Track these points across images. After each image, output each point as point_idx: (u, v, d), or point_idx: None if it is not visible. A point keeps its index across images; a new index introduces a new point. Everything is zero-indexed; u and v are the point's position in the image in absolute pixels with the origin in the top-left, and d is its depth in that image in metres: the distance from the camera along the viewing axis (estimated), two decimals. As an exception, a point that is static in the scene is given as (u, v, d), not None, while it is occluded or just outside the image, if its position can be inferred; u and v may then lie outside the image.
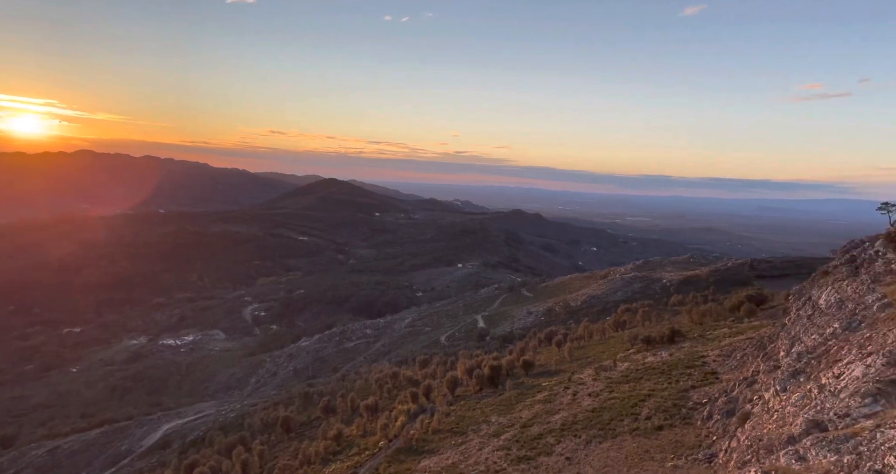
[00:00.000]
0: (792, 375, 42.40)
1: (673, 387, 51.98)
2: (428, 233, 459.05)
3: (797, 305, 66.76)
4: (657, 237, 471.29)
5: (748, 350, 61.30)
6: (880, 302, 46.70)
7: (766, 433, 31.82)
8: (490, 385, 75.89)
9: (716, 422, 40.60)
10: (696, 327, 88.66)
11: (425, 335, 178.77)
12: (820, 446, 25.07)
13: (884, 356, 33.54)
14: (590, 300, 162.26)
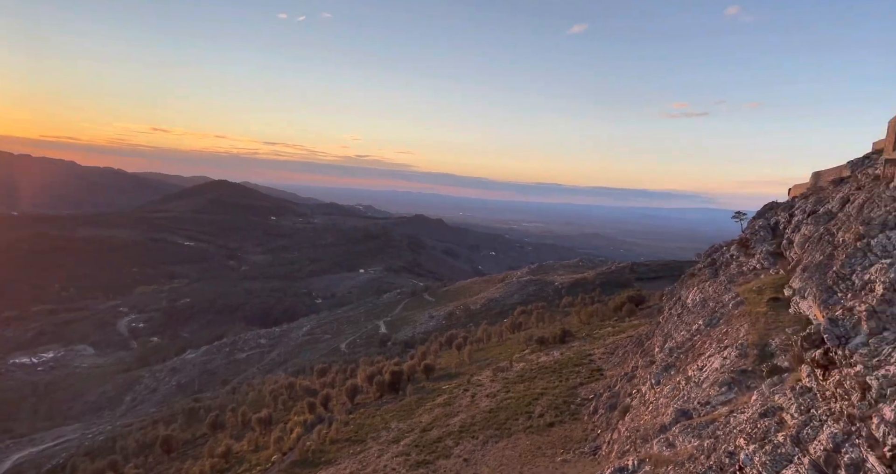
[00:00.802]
0: (665, 369, 46.69)
1: (563, 385, 54.99)
2: (328, 237, 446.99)
3: (669, 305, 73.93)
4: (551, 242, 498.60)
5: (629, 347, 66.68)
6: (734, 300, 53.03)
7: (643, 423, 34.72)
8: (391, 391, 75.29)
9: (600, 416, 43.54)
10: (584, 327, 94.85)
11: (325, 343, 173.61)
12: (686, 433, 27.83)
13: (737, 349, 38.03)
14: (489, 303, 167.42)
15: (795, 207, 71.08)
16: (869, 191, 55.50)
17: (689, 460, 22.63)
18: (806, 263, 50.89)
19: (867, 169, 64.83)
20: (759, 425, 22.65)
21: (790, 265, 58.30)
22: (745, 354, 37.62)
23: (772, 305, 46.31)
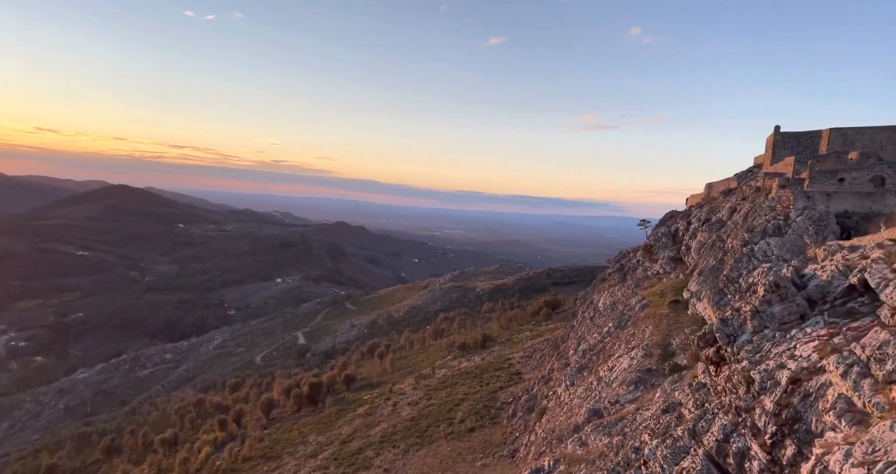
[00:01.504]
0: (578, 370, 48.79)
1: (484, 390, 55.85)
2: (243, 245, 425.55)
3: (583, 308, 77.64)
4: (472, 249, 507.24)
5: (545, 350, 69.10)
6: (641, 303, 56.64)
7: (559, 424, 36.00)
8: (310, 403, 72.80)
9: (519, 419, 44.63)
10: (504, 332, 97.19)
11: (238, 356, 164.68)
12: (597, 431, 29.16)
13: (643, 349, 40.50)
14: (411, 310, 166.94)
15: (692, 216, 77.52)
16: (752, 202, 61.70)
17: (600, 457, 23.70)
18: (701, 268, 55.53)
19: (750, 181, 72.11)
20: (662, 421, 24.20)
21: (688, 269, 63.37)
22: (650, 354, 40.22)
23: (673, 307, 49.96)
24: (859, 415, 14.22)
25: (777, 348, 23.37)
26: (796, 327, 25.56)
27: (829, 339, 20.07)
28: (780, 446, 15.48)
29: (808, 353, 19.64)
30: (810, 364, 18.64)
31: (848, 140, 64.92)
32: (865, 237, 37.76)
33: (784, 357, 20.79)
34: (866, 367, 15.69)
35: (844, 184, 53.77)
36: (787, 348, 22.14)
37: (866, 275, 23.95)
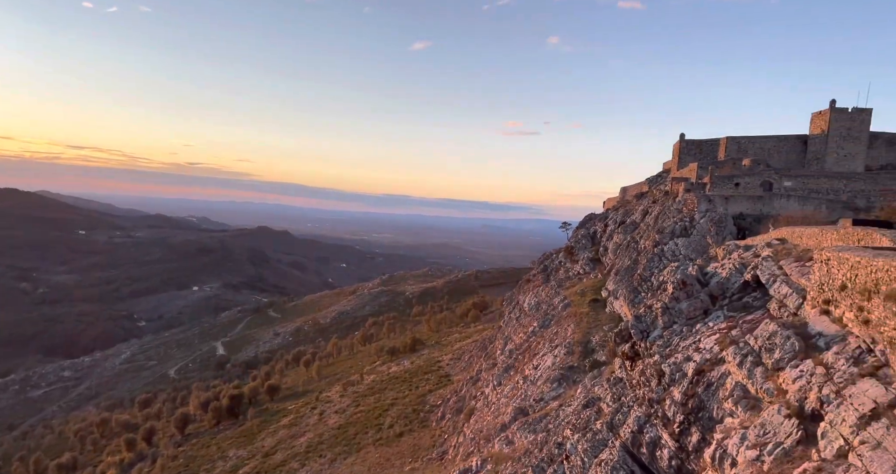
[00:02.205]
0: (505, 370, 49.80)
1: (413, 394, 55.61)
2: (155, 253, 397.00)
3: (509, 309, 79.54)
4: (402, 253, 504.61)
5: (474, 351, 70.02)
6: (563, 302, 58.84)
7: (486, 424, 36.52)
8: (230, 416, 69.23)
9: (447, 421, 44.83)
10: (434, 334, 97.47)
11: (149, 370, 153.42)
12: (523, 429, 29.87)
13: (565, 347, 42.00)
14: (339, 316, 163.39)
15: (609, 218, 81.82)
16: (662, 205, 66.11)
17: (525, 454, 24.26)
18: (618, 267, 58.65)
19: (660, 185, 77.26)
20: (583, 415, 25.20)
21: (606, 269, 66.74)
22: (572, 351, 41.83)
23: (593, 306, 52.35)
24: (753, 401, 15.49)
25: (684, 342, 25.06)
26: (700, 322, 27.55)
27: (728, 332, 21.76)
28: (686, 434, 16.52)
29: (710, 346, 21.17)
30: (712, 355, 20.11)
31: (742, 147, 71.37)
32: (757, 237, 41.58)
33: (690, 350, 22.29)
34: (758, 357, 17.14)
35: (740, 189, 58.94)
36: (693, 341, 23.79)
37: (758, 272, 26.29)
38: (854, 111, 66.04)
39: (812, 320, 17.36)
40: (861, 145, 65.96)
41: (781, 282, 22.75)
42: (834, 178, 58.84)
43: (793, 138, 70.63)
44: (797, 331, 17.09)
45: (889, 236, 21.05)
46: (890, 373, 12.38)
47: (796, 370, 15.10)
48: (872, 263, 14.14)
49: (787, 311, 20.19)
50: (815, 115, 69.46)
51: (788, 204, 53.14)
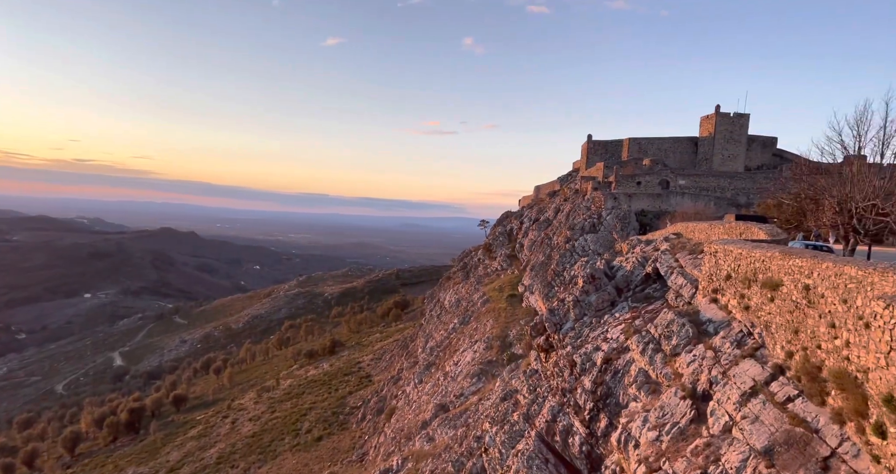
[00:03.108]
0: (426, 368, 49.99)
1: (333, 397, 54.30)
2: (37, 257, 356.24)
3: (430, 307, 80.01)
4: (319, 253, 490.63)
5: (395, 351, 69.66)
6: (482, 298, 60.09)
7: (407, 423, 36.44)
8: (129, 431, 63.82)
9: (368, 422, 44.23)
10: (354, 335, 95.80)
11: (31, 387, 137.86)
12: (444, 425, 30.12)
13: (484, 342, 42.87)
14: (253, 320, 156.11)
15: (524, 216, 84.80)
16: (572, 202, 69.47)
17: (446, 450, 24.46)
18: (533, 263, 60.90)
19: (571, 184, 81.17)
20: (501, 408, 25.84)
21: (522, 265, 69.10)
22: (491, 346, 42.81)
23: (510, 301, 53.93)
24: (654, 386, 16.61)
25: (594, 333, 26.42)
26: (608, 313, 29.20)
27: (632, 322, 23.21)
28: (596, 420, 17.40)
29: (616, 335, 22.47)
30: (618, 344, 21.35)
31: (642, 148, 76.78)
32: (657, 232, 44.87)
33: (599, 340, 23.53)
34: (658, 344, 18.42)
35: (641, 187, 63.28)
36: (602, 332, 25.14)
37: (657, 265, 28.30)
38: (735, 116, 73.18)
39: (703, 308, 18.92)
40: (741, 147, 73.22)
41: (678, 274, 24.61)
42: (720, 177, 64.84)
43: (685, 140, 76.98)
44: (691, 319, 18.54)
45: (765, 230, 23.45)
46: (766, 353, 13.75)
47: (690, 355, 16.38)
48: (752, 254, 15.64)
49: (683, 301, 21.88)
50: (704, 119, 76.19)
51: (683, 201, 57.80)
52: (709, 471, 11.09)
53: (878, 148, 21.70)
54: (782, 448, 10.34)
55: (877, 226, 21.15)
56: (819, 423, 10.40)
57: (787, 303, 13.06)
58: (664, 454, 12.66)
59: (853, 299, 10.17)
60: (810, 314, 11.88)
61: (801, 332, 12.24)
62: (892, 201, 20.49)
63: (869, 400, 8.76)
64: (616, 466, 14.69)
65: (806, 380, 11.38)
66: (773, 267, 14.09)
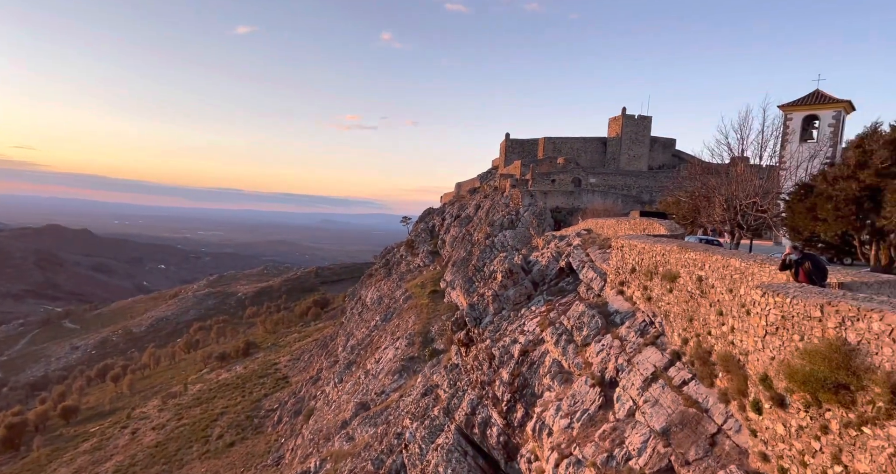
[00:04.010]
0: (347, 367, 49.11)
1: (247, 400, 51.87)
2: None
3: (351, 305, 78.64)
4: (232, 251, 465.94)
5: (314, 350, 67.80)
6: (405, 295, 59.97)
7: (326, 423, 35.59)
8: (8, 449, 57.23)
9: (285, 425, 42.73)
10: (270, 336, 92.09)
11: None
12: (364, 424, 29.74)
13: (406, 338, 42.81)
14: (157, 323, 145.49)
15: (446, 212, 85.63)
16: (492, 199, 71.15)
17: (365, 449, 24.16)
18: (454, 259, 61.67)
19: (490, 181, 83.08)
20: (421, 404, 25.93)
21: (444, 261, 69.78)
22: (413, 342, 42.85)
23: (432, 297, 54.27)
24: (566, 375, 17.38)
25: (511, 326, 27.21)
26: (525, 306, 30.21)
27: (547, 314, 24.15)
28: (512, 411, 17.92)
29: (532, 328, 23.27)
30: (535, 336, 22.12)
31: (557, 147, 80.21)
32: (570, 228, 47.09)
33: (517, 333, 24.26)
34: (571, 335, 19.29)
35: (556, 185, 66.03)
36: (519, 325, 25.94)
37: (570, 259, 29.66)
38: (639, 118, 78.41)
39: (611, 300, 20.06)
40: (645, 148, 78.59)
41: (588, 268, 25.92)
42: (626, 176, 69.18)
43: (595, 140, 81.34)
44: (600, 310, 19.59)
45: (665, 225, 25.29)
46: (665, 341, 14.82)
47: (599, 344, 17.30)
48: (653, 249, 16.78)
49: (593, 293, 23.07)
50: (611, 120, 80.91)
51: (593, 198, 61.03)
52: (614, 454, 11.77)
53: (758, 150, 24.11)
54: (677, 428, 11.20)
55: (757, 221, 23.48)
56: (709, 403, 11.36)
57: (683, 294, 14.15)
58: (575, 440, 13.28)
59: (737, 288, 11.19)
60: (702, 303, 12.94)
61: (694, 320, 13.31)
62: (769, 199, 22.84)
63: (749, 380, 9.69)
64: (531, 454, 15.22)
65: (698, 364, 12.39)
66: (672, 260, 15.20)
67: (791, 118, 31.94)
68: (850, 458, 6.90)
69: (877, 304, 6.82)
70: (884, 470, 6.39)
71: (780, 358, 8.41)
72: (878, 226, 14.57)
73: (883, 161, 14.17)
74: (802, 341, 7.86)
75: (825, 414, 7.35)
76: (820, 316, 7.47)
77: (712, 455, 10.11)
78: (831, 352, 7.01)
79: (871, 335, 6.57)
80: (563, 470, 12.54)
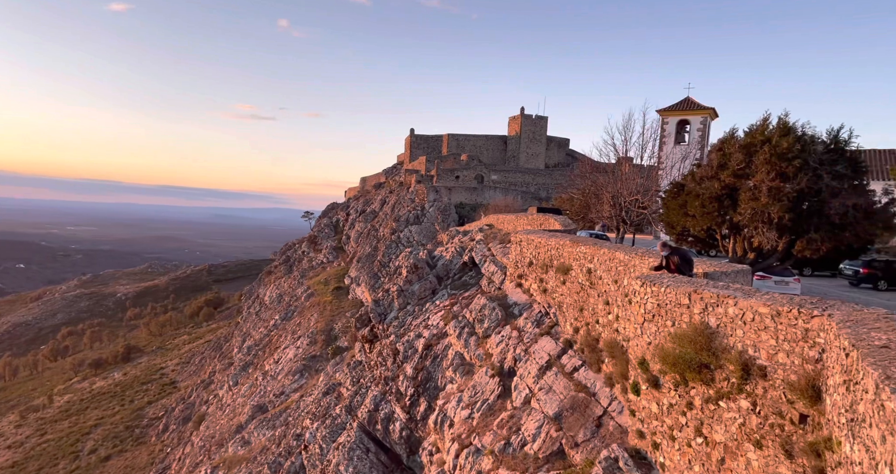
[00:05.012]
0: (243, 368, 46.57)
1: (127, 409, 47.42)
2: None
3: (248, 304, 74.61)
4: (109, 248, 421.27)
5: (206, 353, 63.49)
6: (307, 292, 58.01)
7: (219, 428, 33.50)
8: None
9: (171, 433, 39.63)
10: (155, 339, 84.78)
11: None
12: (261, 427, 28.41)
13: (308, 337, 41.49)
14: (15, 329, 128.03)
15: (351, 207, 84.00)
16: (397, 195, 70.98)
17: (262, 453, 23.08)
18: (360, 255, 60.71)
19: (395, 176, 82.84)
20: (323, 403, 25.28)
21: (349, 257, 68.45)
22: (315, 341, 41.61)
23: (336, 294, 53.02)
24: (468, 367, 17.82)
25: (416, 320, 27.35)
26: (430, 301, 30.52)
27: (450, 308, 24.57)
28: (416, 405, 18.04)
29: (437, 322, 23.57)
30: (438, 330, 22.42)
31: (460, 144, 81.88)
32: (473, 223, 48.32)
33: (421, 327, 24.43)
34: (472, 327, 19.80)
35: (460, 181, 67.36)
36: (423, 319, 26.14)
37: (473, 254, 30.42)
38: (536, 118, 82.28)
39: (510, 292, 20.85)
40: (542, 147, 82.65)
41: (490, 262, 26.74)
42: (525, 173, 72.32)
43: (496, 138, 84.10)
44: (500, 303, 20.30)
45: (560, 221, 26.76)
46: (559, 330, 15.70)
47: (499, 336, 17.92)
48: (548, 243, 17.68)
49: (494, 286, 23.84)
50: (511, 119, 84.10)
51: (495, 194, 63.10)
52: (511, 441, 12.28)
53: (640, 151, 26.31)
54: (568, 412, 11.92)
55: (639, 217, 25.62)
56: (596, 388, 12.22)
57: (574, 285, 15.06)
58: (475, 430, 13.67)
59: (621, 279, 12.12)
60: (592, 294, 13.86)
61: (585, 310, 14.22)
62: (649, 196, 25.02)
63: (629, 365, 10.55)
64: (432, 447, 15.43)
65: (588, 352, 13.27)
66: (565, 254, 16.11)
67: (667, 122, 35.24)
68: (710, 430, 7.76)
69: (732, 291, 7.70)
70: (735, 438, 7.25)
71: (656, 342, 9.24)
72: (734, 221, 16.55)
73: (738, 163, 16.10)
74: (674, 326, 8.68)
75: (690, 392, 8.19)
76: (688, 303, 8.29)
77: (598, 436, 10.88)
78: (696, 336, 7.81)
79: (728, 319, 7.41)
80: (463, 460, 12.85)
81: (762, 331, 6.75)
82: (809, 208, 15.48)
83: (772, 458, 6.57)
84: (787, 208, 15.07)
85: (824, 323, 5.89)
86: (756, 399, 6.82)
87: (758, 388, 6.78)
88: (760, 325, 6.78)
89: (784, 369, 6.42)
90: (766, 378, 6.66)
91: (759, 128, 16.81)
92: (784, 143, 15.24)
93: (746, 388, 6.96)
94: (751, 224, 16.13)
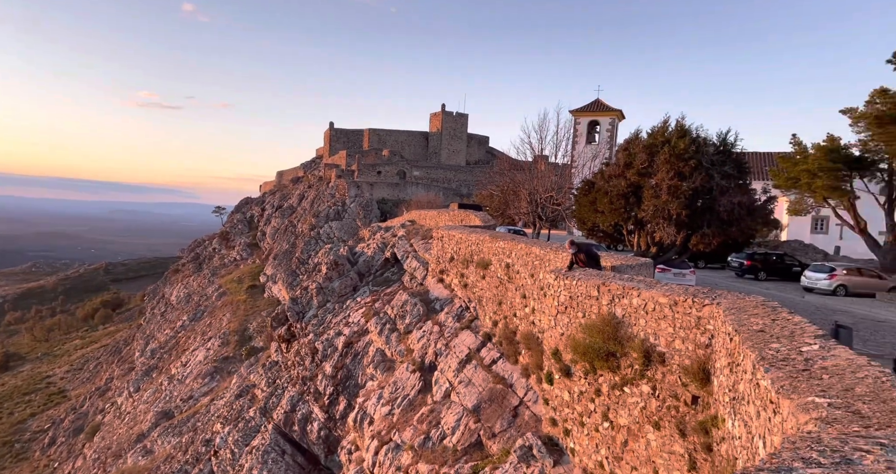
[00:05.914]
0: (146, 373, 43.25)
1: (5, 423, 42.53)
2: None
3: (152, 304, 69.34)
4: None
5: (102, 358, 58.29)
6: (218, 291, 54.89)
7: (117, 438, 30.89)
8: None
9: (59, 447, 36.04)
10: (40, 345, 76.64)
11: None
12: (166, 434, 26.53)
13: (220, 338, 39.32)
14: None
15: (266, 202, 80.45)
16: (317, 190, 68.97)
17: (166, 461, 21.57)
18: (276, 252, 58.33)
19: (315, 170, 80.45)
20: (235, 406, 24.07)
21: (265, 254, 65.58)
22: (227, 342, 39.48)
23: (251, 292, 50.59)
24: (389, 363, 17.70)
25: (336, 318, 26.74)
26: (351, 298, 29.97)
27: (372, 305, 24.27)
28: (335, 404, 17.66)
29: (357, 319, 23.19)
30: (359, 327, 22.07)
31: (382, 139, 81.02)
32: (395, 219, 48.03)
33: (341, 325, 23.92)
34: (394, 324, 19.69)
35: (382, 176, 66.68)
36: (344, 317, 25.62)
37: (395, 250, 30.24)
38: (457, 115, 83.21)
39: (432, 288, 20.95)
40: (463, 144, 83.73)
41: (412, 258, 26.71)
42: (447, 170, 72.97)
43: (418, 134, 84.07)
44: (422, 298, 20.34)
45: (480, 217, 27.27)
46: (479, 324, 16.00)
47: (420, 331, 17.96)
48: (469, 238, 17.94)
49: (416, 282, 23.84)
50: (433, 116, 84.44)
51: (417, 190, 63.11)
52: (430, 434, 12.35)
53: (554, 150, 27.39)
54: (487, 404, 12.19)
55: (554, 213, 26.70)
56: (513, 379, 12.58)
57: (494, 280, 15.40)
58: (395, 426, 13.61)
59: (537, 273, 12.55)
60: (510, 288, 14.25)
61: (503, 304, 14.59)
62: (563, 193, 26.15)
63: (544, 355, 10.97)
64: (352, 445, 15.19)
65: (505, 344, 13.63)
66: (485, 249, 16.43)
67: (580, 122, 36.98)
68: (615, 414, 8.24)
69: (636, 283, 8.21)
70: (637, 421, 7.75)
71: (568, 333, 9.66)
72: (639, 217, 17.70)
73: (642, 163, 17.25)
74: (584, 317, 9.11)
75: (599, 380, 8.65)
76: (597, 295, 8.74)
77: (514, 425, 11.22)
78: (604, 326, 8.24)
79: (632, 309, 7.89)
80: (382, 457, 12.76)
81: (662, 319, 7.25)
82: (703, 205, 16.89)
83: (668, 438, 7.08)
84: (684, 205, 16.35)
85: (714, 311, 6.41)
86: (655, 383, 7.32)
87: (657, 374, 7.28)
88: (660, 314, 7.27)
89: (680, 355, 6.93)
90: (664, 363, 7.16)
91: (659, 130, 18.07)
92: (681, 144, 16.50)
93: (647, 374, 7.45)
94: (653, 220, 17.33)
